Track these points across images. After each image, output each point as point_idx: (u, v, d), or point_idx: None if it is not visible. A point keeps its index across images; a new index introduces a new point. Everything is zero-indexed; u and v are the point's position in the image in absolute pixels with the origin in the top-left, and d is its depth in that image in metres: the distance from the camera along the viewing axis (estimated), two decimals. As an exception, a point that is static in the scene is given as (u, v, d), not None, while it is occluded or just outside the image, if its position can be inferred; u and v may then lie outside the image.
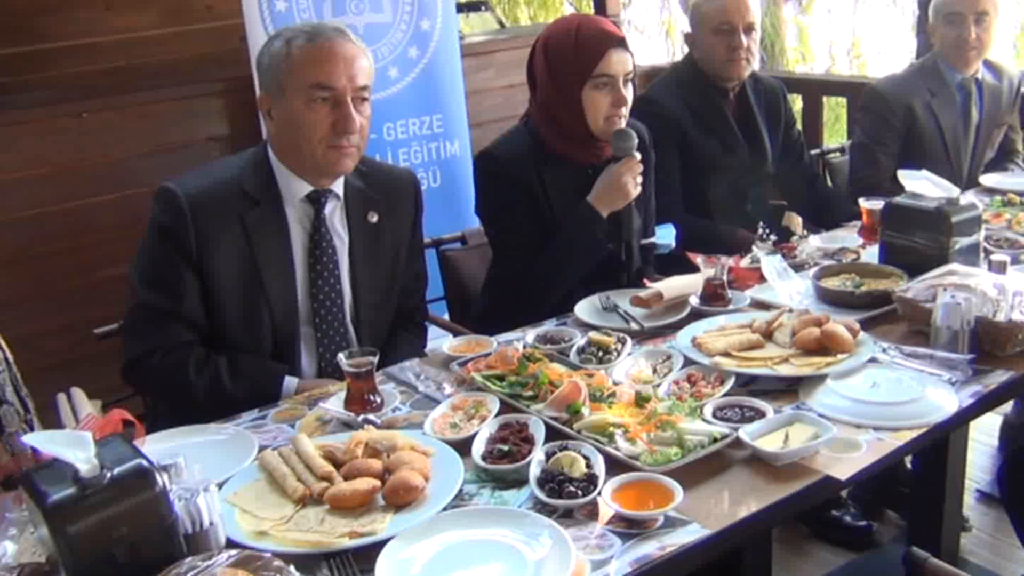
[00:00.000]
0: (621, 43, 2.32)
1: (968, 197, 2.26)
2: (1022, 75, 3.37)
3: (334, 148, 2.01)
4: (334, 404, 1.79)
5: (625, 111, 2.35)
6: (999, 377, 1.76)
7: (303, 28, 2.02)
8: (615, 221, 2.39)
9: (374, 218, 2.17)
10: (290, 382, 2.00)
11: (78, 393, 1.72)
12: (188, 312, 1.97)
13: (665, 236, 2.71)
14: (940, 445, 2.34)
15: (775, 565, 2.05)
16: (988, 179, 3.03)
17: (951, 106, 3.16)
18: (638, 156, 2.34)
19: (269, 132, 2.10)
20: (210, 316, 2.00)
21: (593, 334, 2.00)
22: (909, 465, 2.82)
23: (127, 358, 1.99)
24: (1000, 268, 2.04)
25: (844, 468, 1.50)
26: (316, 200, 2.08)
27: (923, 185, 2.22)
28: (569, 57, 2.32)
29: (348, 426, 1.73)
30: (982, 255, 2.22)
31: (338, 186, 2.12)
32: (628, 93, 2.34)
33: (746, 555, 2.08)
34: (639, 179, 2.36)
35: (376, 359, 1.76)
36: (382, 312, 2.21)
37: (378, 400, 1.77)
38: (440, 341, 2.54)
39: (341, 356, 1.75)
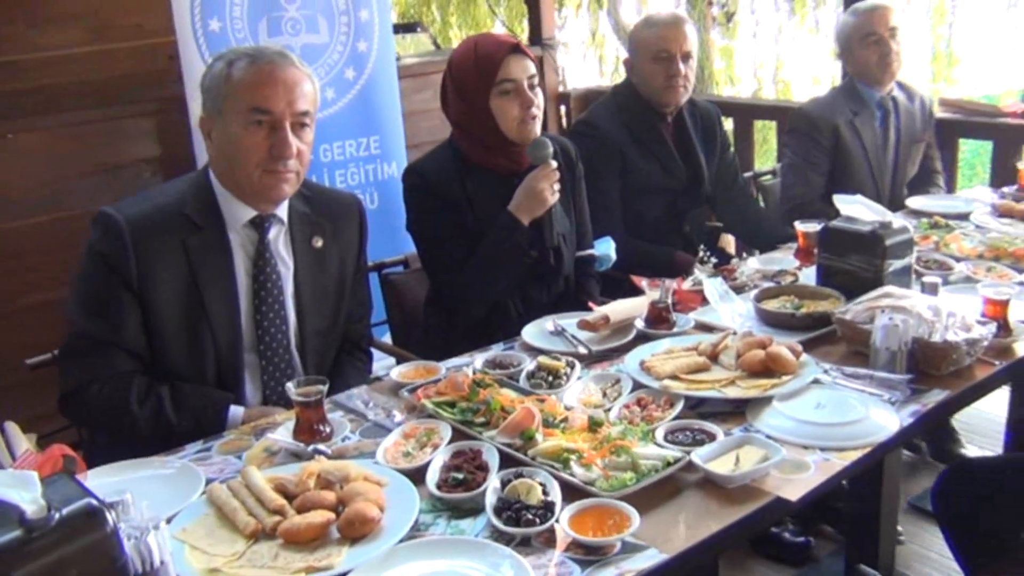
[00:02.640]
0: (517, 49, 2.40)
1: (899, 220, 2.34)
2: (931, 97, 3.55)
3: (270, 173, 1.98)
4: (282, 434, 1.75)
5: (536, 112, 2.42)
6: (936, 396, 1.81)
7: (246, 51, 1.99)
8: (537, 228, 2.44)
9: (319, 243, 2.15)
10: (236, 411, 1.96)
11: (13, 428, 1.66)
12: (128, 340, 1.92)
13: (605, 249, 2.76)
14: (876, 462, 2.40)
15: (720, 584, 2.08)
16: (914, 202, 3.14)
17: (872, 124, 3.30)
18: (554, 164, 2.40)
19: (210, 155, 2.07)
20: (151, 344, 1.95)
21: (542, 358, 2.01)
22: (844, 482, 2.89)
23: (64, 389, 1.93)
24: (932, 290, 2.11)
25: (794, 489, 1.53)
26: (259, 225, 2.05)
27: (857, 209, 2.28)
28: (471, 72, 2.40)
29: (297, 457, 1.70)
30: (913, 277, 2.29)
31: (282, 210, 2.09)
32: (536, 96, 2.41)
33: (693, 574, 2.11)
34: (556, 186, 2.42)
35: (326, 388, 1.73)
36: (328, 339, 2.18)
37: (328, 429, 1.74)
38: (380, 364, 2.54)
39: (290, 385, 1.72)
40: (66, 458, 1.53)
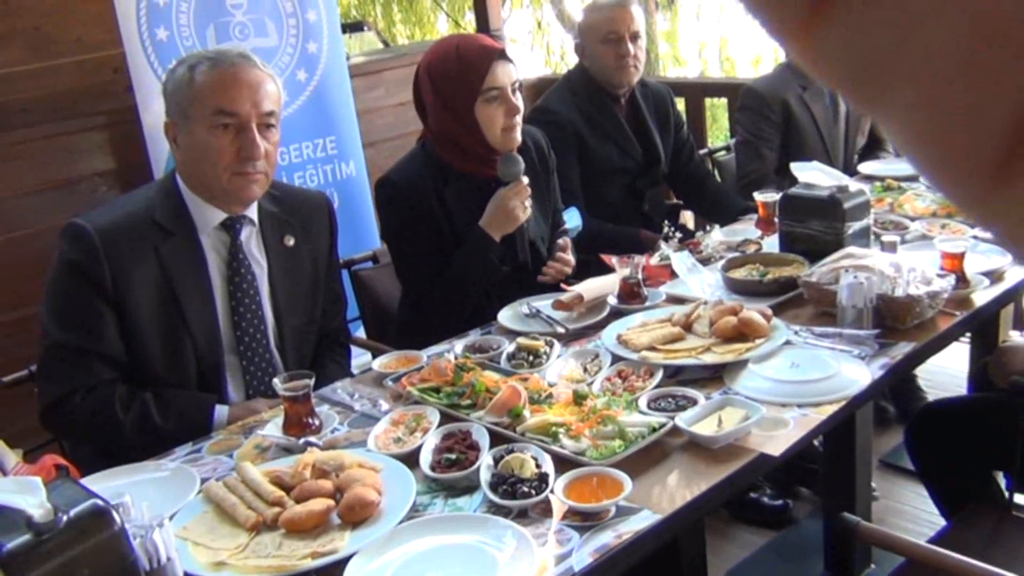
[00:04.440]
0: (502, 55, 2.37)
1: (855, 183, 2.41)
2: None
3: (239, 175, 1.99)
4: (272, 430, 1.77)
5: (519, 119, 2.40)
6: (903, 349, 1.88)
7: (207, 54, 2.00)
8: (509, 243, 2.43)
9: (291, 241, 2.16)
10: (221, 411, 1.96)
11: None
12: (107, 349, 1.92)
13: (572, 219, 2.80)
14: (848, 419, 2.47)
15: (703, 551, 2.13)
16: (866, 167, 3.22)
17: (821, 98, 3.37)
18: (525, 180, 2.37)
19: (176, 160, 2.07)
20: (130, 352, 1.95)
21: (521, 339, 2.04)
22: (816, 443, 2.97)
23: (45, 402, 1.92)
24: (892, 248, 2.19)
25: (776, 445, 1.59)
26: (231, 227, 2.06)
27: (814, 175, 2.35)
28: (455, 78, 2.35)
29: (289, 451, 1.72)
30: (872, 238, 2.36)
31: (252, 211, 2.10)
32: (518, 101, 2.39)
33: (681, 544, 2.15)
34: (528, 203, 2.39)
35: (312, 381, 1.75)
36: (306, 335, 2.20)
37: (317, 422, 1.76)
38: (357, 361, 2.55)
39: (276, 381, 1.74)
40: (59, 467, 1.54)
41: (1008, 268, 2.20)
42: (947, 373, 3.54)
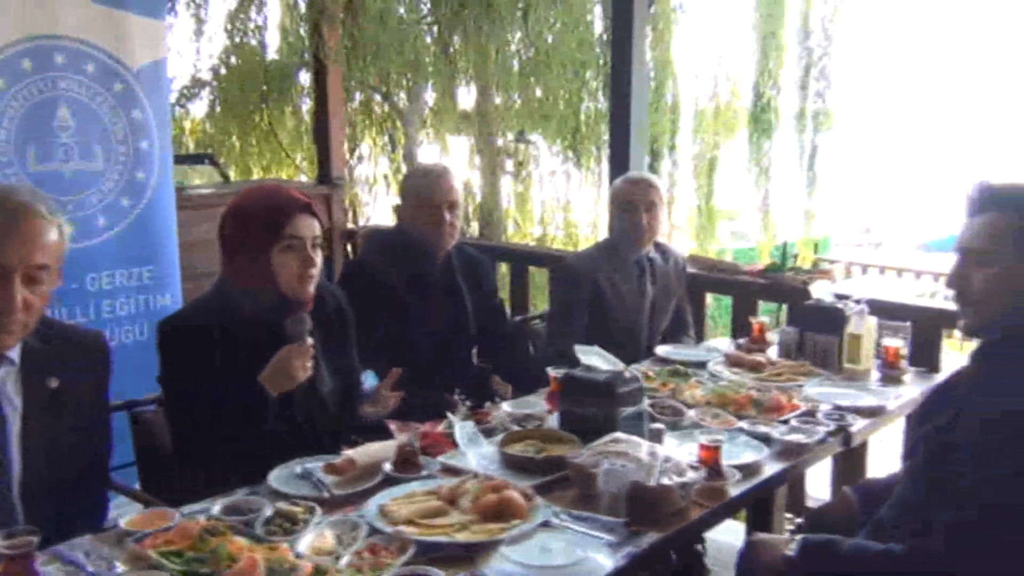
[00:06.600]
0: (307, 208, 2.44)
1: (639, 368, 2.53)
2: (684, 257, 3.90)
3: None
4: (-16, 591, 1.64)
5: (314, 272, 2.44)
6: (650, 538, 1.94)
7: None
8: (286, 401, 2.40)
9: (54, 384, 2.07)
10: (-63, 565, 1.81)
11: None
12: None
13: (367, 380, 2.80)
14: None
15: None
16: (661, 350, 3.39)
17: (629, 280, 3.57)
18: (309, 341, 2.38)
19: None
20: None
21: (280, 504, 2.00)
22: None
23: None
24: (656, 436, 2.29)
25: (510, 635, 1.59)
26: (-15, 366, 1.97)
27: (595, 359, 2.46)
28: (259, 221, 2.40)
29: (-2, 615, 1.60)
30: (648, 422, 2.46)
31: (13, 350, 2.01)
32: (316, 256, 2.44)
33: None
34: (309, 364, 2.38)
35: (38, 539, 1.65)
36: (57, 485, 2.07)
37: (37, 585, 1.65)
38: (121, 510, 2.42)
39: (-4, 537, 1.63)
40: None
41: (765, 463, 2.34)
42: (730, 546, 3.64)
